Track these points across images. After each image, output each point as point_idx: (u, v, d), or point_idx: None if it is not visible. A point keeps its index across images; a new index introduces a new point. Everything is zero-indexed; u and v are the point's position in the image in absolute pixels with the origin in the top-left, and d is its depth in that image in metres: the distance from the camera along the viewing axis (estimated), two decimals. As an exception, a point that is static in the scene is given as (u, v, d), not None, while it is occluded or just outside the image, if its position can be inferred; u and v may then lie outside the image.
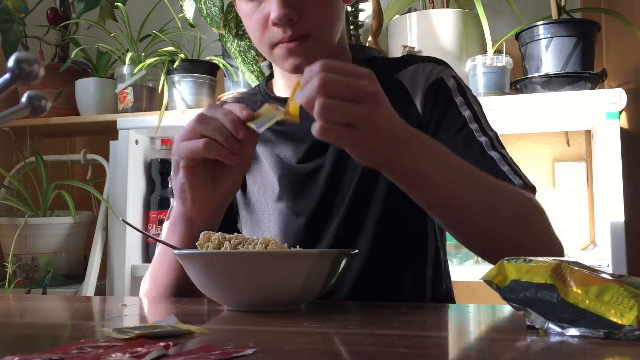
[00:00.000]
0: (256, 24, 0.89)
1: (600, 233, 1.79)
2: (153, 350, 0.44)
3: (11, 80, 0.48)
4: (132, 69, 1.94)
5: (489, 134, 0.89)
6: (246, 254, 0.67)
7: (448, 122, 0.90)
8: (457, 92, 0.93)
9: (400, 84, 0.95)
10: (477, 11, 1.59)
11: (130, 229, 1.64)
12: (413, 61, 0.98)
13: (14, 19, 2.06)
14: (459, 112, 0.90)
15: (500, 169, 0.85)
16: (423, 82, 0.94)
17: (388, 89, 0.92)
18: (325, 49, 0.90)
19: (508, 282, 0.54)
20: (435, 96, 0.92)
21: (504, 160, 0.86)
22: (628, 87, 1.62)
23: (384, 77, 0.93)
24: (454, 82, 0.94)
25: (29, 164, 2.02)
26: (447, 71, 0.95)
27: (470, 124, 0.89)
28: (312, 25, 0.87)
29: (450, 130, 0.89)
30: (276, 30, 0.87)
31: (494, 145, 0.88)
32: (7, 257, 1.86)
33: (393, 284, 0.93)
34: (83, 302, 0.88)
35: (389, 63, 1.00)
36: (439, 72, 0.95)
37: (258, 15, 0.88)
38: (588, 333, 0.49)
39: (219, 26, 1.72)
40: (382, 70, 0.95)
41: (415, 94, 0.94)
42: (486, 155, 0.86)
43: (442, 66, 0.96)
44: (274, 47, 0.89)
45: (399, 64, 0.98)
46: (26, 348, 0.52)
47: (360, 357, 0.47)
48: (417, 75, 0.95)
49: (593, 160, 1.84)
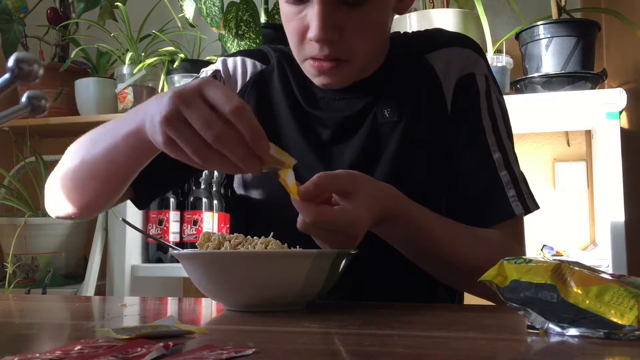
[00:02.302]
0: (294, 31, 0.83)
1: (600, 233, 1.79)
2: (153, 350, 0.44)
3: (11, 80, 0.48)
4: (132, 69, 1.94)
5: (506, 146, 0.90)
6: (246, 254, 0.67)
7: (469, 130, 0.90)
8: (484, 97, 0.91)
9: (432, 69, 0.92)
10: (477, 11, 1.59)
11: (130, 229, 1.64)
12: (447, 41, 0.93)
13: (14, 18, 2.06)
14: (481, 121, 0.90)
15: (506, 194, 0.86)
16: (457, 72, 0.91)
17: (417, 72, 0.92)
18: (360, 69, 0.88)
19: (508, 282, 0.54)
20: (463, 96, 0.91)
21: (512, 183, 0.87)
22: (628, 87, 1.62)
23: (413, 58, 0.93)
24: (484, 83, 0.92)
25: (29, 164, 2.02)
26: (480, 65, 0.92)
27: (488, 136, 0.89)
28: (351, 49, 0.82)
29: (468, 140, 0.89)
30: (314, 44, 0.82)
31: (507, 162, 0.89)
32: (7, 257, 1.86)
33: (404, 289, 0.92)
34: (83, 302, 0.88)
35: (420, 41, 0.95)
36: (472, 64, 0.91)
37: (298, 23, 0.82)
38: (588, 333, 0.49)
39: (219, 26, 1.72)
40: (410, 48, 0.94)
41: (447, 83, 0.91)
42: (496, 176, 0.87)
43: (477, 55, 0.93)
44: (306, 59, 0.85)
45: (431, 43, 0.93)
46: (26, 348, 0.52)
47: (360, 357, 0.47)
48: (451, 62, 0.91)
49: (593, 160, 1.84)
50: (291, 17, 0.83)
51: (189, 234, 1.90)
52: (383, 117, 0.91)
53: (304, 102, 0.94)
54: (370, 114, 0.91)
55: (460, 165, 0.90)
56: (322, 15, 0.78)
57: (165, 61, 1.92)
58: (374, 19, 0.83)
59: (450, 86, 0.91)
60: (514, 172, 0.89)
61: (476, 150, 0.89)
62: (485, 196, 0.88)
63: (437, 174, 0.90)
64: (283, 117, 0.95)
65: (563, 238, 1.91)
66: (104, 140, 0.79)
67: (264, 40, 1.72)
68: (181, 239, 1.91)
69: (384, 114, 0.91)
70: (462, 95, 0.91)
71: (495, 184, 0.87)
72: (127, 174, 0.81)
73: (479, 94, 0.91)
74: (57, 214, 0.92)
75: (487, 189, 0.87)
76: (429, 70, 0.92)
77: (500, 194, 0.87)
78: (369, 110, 0.92)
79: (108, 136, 0.79)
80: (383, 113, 0.91)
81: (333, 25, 0.79)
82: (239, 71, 0.99)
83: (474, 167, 0.89)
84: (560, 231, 1.92)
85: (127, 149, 0.75)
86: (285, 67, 0.97)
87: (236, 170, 0.64)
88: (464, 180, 0.89)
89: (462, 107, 0.91)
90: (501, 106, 0.93)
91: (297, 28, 0.82)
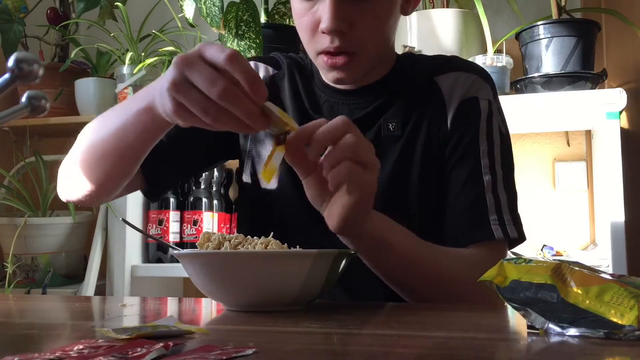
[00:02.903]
0: (306, 27, 0.86)
1: (600, 233, 1.79)
2: (153, 350, 0.44)
3: (11, 80, 0.48)
4: (132, 69, 1.94)
5: (497, 171, 0.90)
6: (246, 254, 0.67)
7: (464, 149, 0.90)
8: (484, 120, 0.92)
9: (438, 89, 0.94)
10: (477, 11, 1.60)
11: (130, 229, 1.64)
12: (457, 66, 0.96)
13: (14, 18, 2.06)
14: (477, 142, 0.90)
15: (487, 217, 0.87)
16: (460, 95, 0.92)
17: (424, 91, 0.94)
18: (370, 64, 0.89)
19: (508, 282, 0.54)
20: (464, 116, 0.92)
21: (495, 206, 0.88)
22: (628, 87, 1.62)
23: (424, 77, 0.95)
24: (487, 107, 0.92)
25: (29, 164, 2.02)
26: (485, 91, 0.94)
27: (482, 158, 0.90)
28: (361, 42, 0.84)
29: (462, 159, 0.90)
30: (325, 37, 0.84)
31: (495, 187, 0.89)
32: (7, 257, 1.86)
33: None
34: (83, 302, 0.88)
35: (432, 63, 0.98)
36: (477, 89, 0.93)
37: (309, 18, 0.85)
38: (588, 333, 0.49)
39: (219, 26, 1.72)
40: (424, 69, 0.95)
41: (451, 104, 0.92)
42: (482, 198, 0.88)
43: (483, 81, 0.94)
44: (319, 54, 0.87)
45: (442, 66, 0.96)
46: (26, 348, 0.52)
47: (360, 357, 0.47)
48: (457, 85, 0.93)
49: (593, 160, 1.84)
50: (303, 12, 0.86)
51: (189, 234, 1.90)
52: (387, 130, 0.92)
53: (310, 107, 0.96)
54: (375, 125, 0.93)
55: (450, 181, 0.91)
56: (333, 7, 0.81)
57: (165, 61, 1.92)
58: (382, 14, 0.85)
59: (453, 107, 0.92)
60: (498, 197, 0.88)
61: (467, 168, 0.90)
62: (468, 213, 0.88)
63: (431, 191, 0.91)
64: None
65: (563, 238, 1.91)
66: (114, 119, 0.81)
67: (264, 40, 1.72)
68: (181, 239, 1.91)
69: (388, 127, 0.92)
70: (463, 115, 0.92)
71: (479, 204, 0.88)
72: (137, 153, 0.82)
73: (479, 117, 0.92)
74: (69, 197, 0.93)
75: (470, 206, 0.88)
76: (436, 91, 0.94)
77: (482, 214, 0.87)
78: (372, 120, 0.93)
79: (118, 115, 0.80)
80: (388, 126, 0.92)
81: (343, 17, 0.82)
82: None
83: (462, 183, 0.89)
84: (560, 231, 1.92)
85: (137, 126, 0.77)
86: (295, 74, 0.99)
87: (245, 128, 0.64)
88: (451, 196, 0.90)
89: (462, 127, 0.91)
90: (502, 134, 0.93)
91: (309, 22, 0.85)
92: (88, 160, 0.86)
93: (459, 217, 0.88)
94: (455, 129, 0.92)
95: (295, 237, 0.78)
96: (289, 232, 0.79)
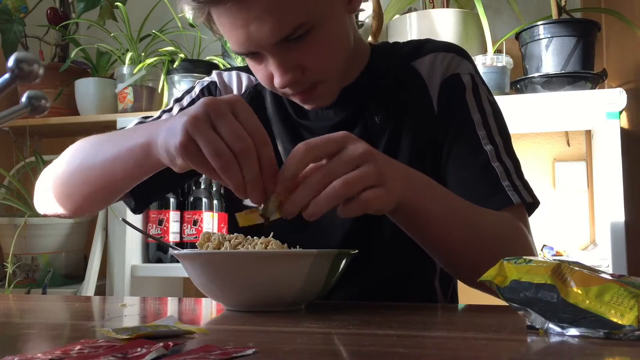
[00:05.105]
0: (263, 80, 0.85)
1: (600, 233, 1.79)
2: (153, 350, 0.44)
3: (11, 80, 0.48)
4: (132, 69, 1.94)
5: (497, 140, 0.88)
6: (246, 254, 0.67)
7: (458, 125, 0.89)
8: (470, 92, 0.90)
9: (417, 72, 0.93)
10: (477, 11, 1.59)
11: (131, 228, 1.64)
12: (432, 48, 0.94)
13: (14, 18, 2.06)
14: (469, 116, 0.89)
15: (501, 184, 0.84)
16: (440, 75, 0.91)
17: (404, 79, 0.93)
18: (339, 82, 0.89)
19: (508, 282, 0.54)
20: (449, 94, 0.91)
21: (505, 173, 0.85)
22: (628, 87, 1.62)
23: (401, 65, 0.94)
24: (470, 80, 0.91)
25: (29, 164, 2.03)
26: (465, 65, 0.93)
27: (478, 129, 0.88)
28: (320, 74, 0.83)
29: (458, 135, 0.88)
30: (284, 89, 0.83)
31: (499, 155, 0.87)
32: (7, 257, 1.86)
33: (400, 295, 0.92)
34: (83, 302, 0.88)
35: (407, 49, 0.97)
36: (456, 66, 0.92)
37: (263, 73, 0.83)
38: (588, 333, 0.49)
39: (219, 26, 1.72)
40: (400, 57, 0.95)
41: (432, 86, 0.91)
42: (489, 167, 0.85)
43: (461, 57, 0.93)
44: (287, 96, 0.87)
45: (418, 51, 0.95)
46: (26, 348, 0.52)
47: (360, 357, 0.47)
48: (435, 66, 0.92)
49: (593, 160, 1.84)
50: (255, 67, 0.84)
51: (189, 234, 1.90)
52: (373, 124, 0.91)
53: (294, 114, 0.95)
54: (360, 121, 0.92)
55: (450, 159, 0.88)
56: (279, 65, 0.79)
57: (165, 61, 1.92)
58: (327, 39, 0.81)
59: (436, 88, 0.91)
60: (506, 165, 0.86)
61: (466, 143, 0.88)
62: (479, 184, 0.85)
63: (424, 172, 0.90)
64: (276, 129, 0.96)
65: (563, 238, 1.91)
66: (107, 148, 0.80)
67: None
68: (181, 239, 1.91)
69: (374, 120, 0.92)
70: (448, 93, 0.91)
71: (488, 173, 0.85)
72: (121, 187, 0.83)
73: (465, 91, 0.90)
74: (45, 211, 0.94)
75: (480, 178, 0.85)
76: (415, 76, 0.93)
77: (495, 182, 0.84)
78: (358, 117, 0.92)
79: (112, 145, 0.79)
80: (373, 119, 0.92)
81: (292, 66, 0.80)
82: (234, 84, 1.01)
83: (465, 159, 0.87)
84: (560, 231, 1.92)
85: (128, 161, 0.75)
86: None
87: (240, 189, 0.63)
88: (457, 174, 0.88)
89: (449, 105, 0.90)
90: (491, 103, 0.92)
91: (264, 77, 0.84)
92: (71, 182, 0.86)
93: (471, 193, 0.84)
94: (443, 109, 0.90)
95: (295, 237, 0.78)
96: (289, 232, 0.79)
